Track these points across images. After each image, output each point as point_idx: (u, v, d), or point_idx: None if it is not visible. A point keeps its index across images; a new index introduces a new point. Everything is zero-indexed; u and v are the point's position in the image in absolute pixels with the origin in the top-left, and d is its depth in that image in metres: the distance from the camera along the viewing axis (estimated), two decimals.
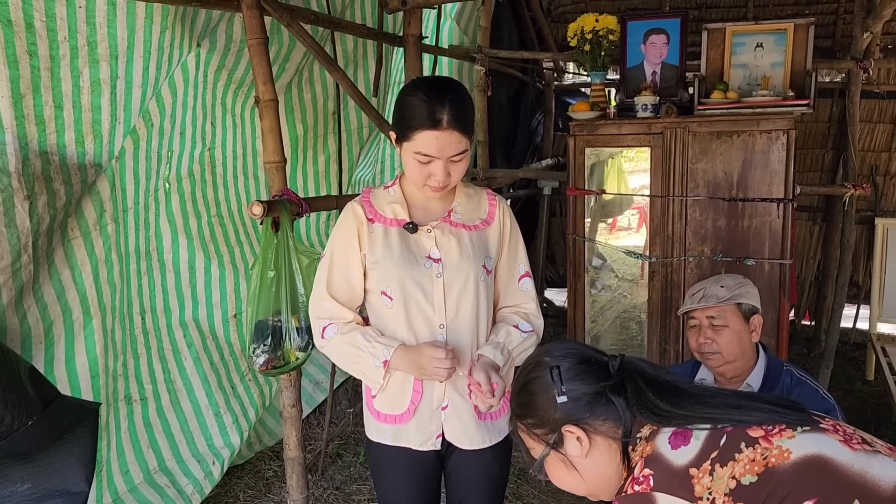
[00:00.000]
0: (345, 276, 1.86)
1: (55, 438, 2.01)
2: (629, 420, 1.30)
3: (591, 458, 1.32)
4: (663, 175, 3.26)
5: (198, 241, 3.06)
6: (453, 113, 1.70)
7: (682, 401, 1.27)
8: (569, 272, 3.67)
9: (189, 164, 2.94)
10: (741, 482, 1.12)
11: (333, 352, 1.88)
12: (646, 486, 1.17)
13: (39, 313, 2.32)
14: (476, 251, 1.86)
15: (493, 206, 1.94)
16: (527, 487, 3.36)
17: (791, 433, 1.17)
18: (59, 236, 2.36)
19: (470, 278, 1.84)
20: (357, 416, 3.97)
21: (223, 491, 3.29)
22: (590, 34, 3.45)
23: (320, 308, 1.88)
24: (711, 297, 2.21)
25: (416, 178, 1.78)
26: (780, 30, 3.31)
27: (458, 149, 1.73)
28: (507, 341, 1.87)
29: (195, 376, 3.13)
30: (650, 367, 1.36)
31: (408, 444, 1.89)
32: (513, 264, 1.96)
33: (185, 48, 2.56)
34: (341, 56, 3.50)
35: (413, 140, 1.72)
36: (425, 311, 1.82)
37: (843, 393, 4.30)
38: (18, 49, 1.93)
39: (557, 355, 1.39)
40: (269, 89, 2.24)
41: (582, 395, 1.32)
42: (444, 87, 1.75)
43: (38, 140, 2.10)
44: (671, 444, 1.20)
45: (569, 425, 1.32)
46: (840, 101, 4.86)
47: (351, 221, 1.85)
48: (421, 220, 1.86)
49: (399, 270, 1.81)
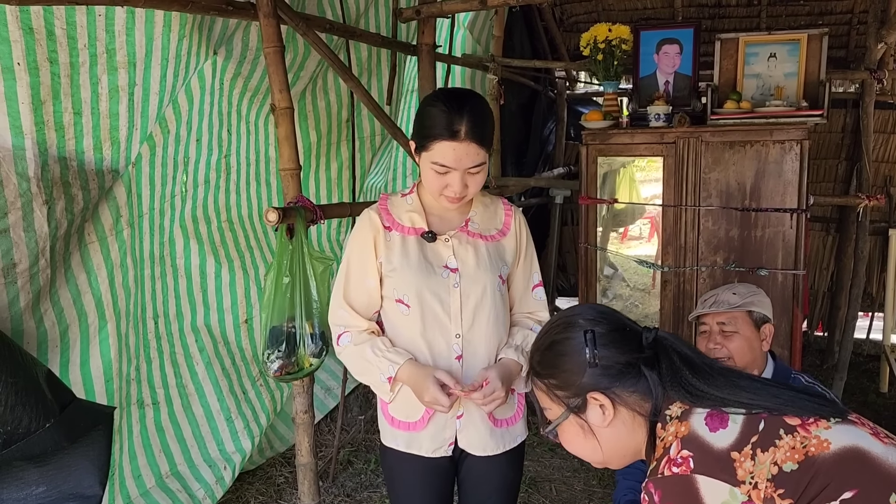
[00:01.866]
0: (361, 283, 1.87)
1: (71, 441, 2.03)
2: (660, 395, 1.26)
3: (613, 427, 1.29)
4: (676, 184, 3.26)
5: (209, 245, 3.08)
6: (471, 124, 1.70)
7: (717, 381, 1.24)
8: (580, 281, 3.67)
9: (206, 171, 2.96)
10: (783, 468, 1.11)
11: (347, 361, 1.90)
12: (685, 468, 1.15)
13: (56, 317, 2.34)
14: (492, 261, 1.88)
15: (510, 216, 1.96)
16: (538, 497, 3.35)
17: (826, 424, 1.16)
18: (76, 241, 2.38)
19: (487, 289, 1.85)
20: (368, 423, 3.98)
21: (234, 497, 3.30)
22: (603, 43, 3.46)
23: (336, 315, 1.90)
24: (723, 303, 2.22)
25: (433, 188, 1.78)
26: (794, 40, 3.32)
27: (475, 160, 1.74)
28: (524, 343, 1.88)
29: (207, 381, 3.14)
30: (686, 345, 1.33)
31: (419, 451, 1.89)
32: (527, 274, 1.98)
33: (201, 56, 2.59)
34: (356, 64, 3.52)
35: (431, 150, 1.73)
36: (441, 321, 1.83)
37: (856, 405, 4.26)
38: (39, 56, 1.96)
39: (590, 318, 1.34)
40: (286, 97, 2.26)
41: (614, 363, 1.28)
42: (464, 98, 1.75)
43: (58, 146, 2.12)
44: (708, 426, 1.17)
45: (595, 392, 1.28)
46: (854, 111, 4.84)
47: (367, 229, 1.86)
48: (438, 229, 1.87)
49: (416, 279, 1.81)
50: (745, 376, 1.30)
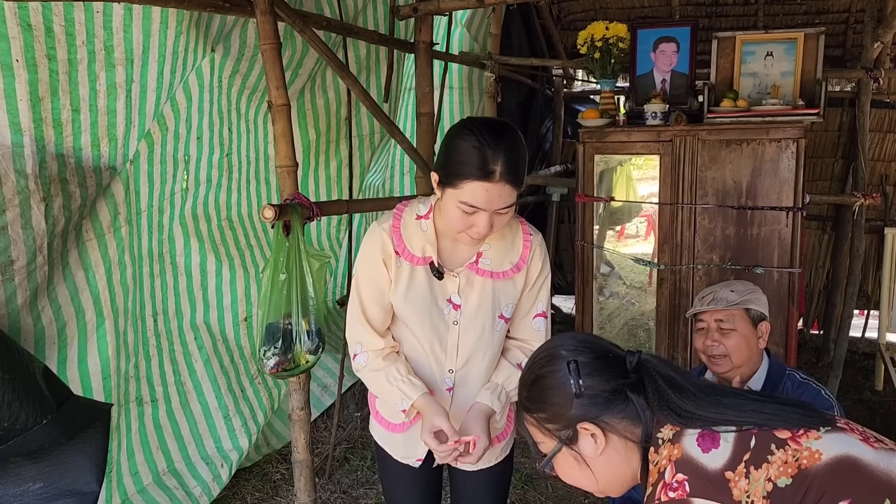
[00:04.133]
0: (376, 300, 1.80)
1: (68, 438, 2.03)
2: (649, 419, 1.25)
3: (606, 456, 1.29)
4: (672, 183, 3.27)
5: (209, 244, 3.08)
6: (507, 164, 1.56)
7: (703, 401, 1.24)
8: (577, 279, 3.68)
9: (208, 170, 2.96)
10: (777, 484, 1.11)
11: (365, 381, 1.87)
12: (682, 493, 1.14)
13: (53, 314, 2.34)
14: (495, 302, 1.80)
15: (527, 248, 1.82)
16: (534, 494, 3.36)
17: (816, 434, 1.16)
18: (74, 238, 2.38)
19: (485, 331, 1.80)
20: (364, 419, 3.98)
21: (231, 493, 3.30)
22: (600, 42, 3.47)
23: (353, 329, 1.84)
24: (721, 301, 2.22)
25: (456, 226, 1.66)
26: (791, 39, 3.33)
27: (507, 202, 1.60)
28: (506, 383, 1.83)
29: (205, 379, 3.14)
30: (669, 366, 1.33)
31: (392, 452, 1.91)
32: (531, 302, 1.87)
33: (199, 53, 2.59)
34: (354, 62, 3.52)
35: (460, 189, 1.58)
36: (437, 354, 1.81)
37: (851, 403, 4.28)
38: (38, 53, 1.96)
39: (572, 348, 1.33)
40: (282, 94, 2.26)
41: (600, 392, 1.27)
42: (500, 133, 1.59)
43: (55, 143, 2.12)
44: (700, 447, 1.17)
45: (585, 422, 1.27)
46: (850, 110, 4.85)
47: (378, 250, 1.78)
48: (448, 260, 1.79)
49: (420, 312, 1.77)
50: (729, 392, 1.30)
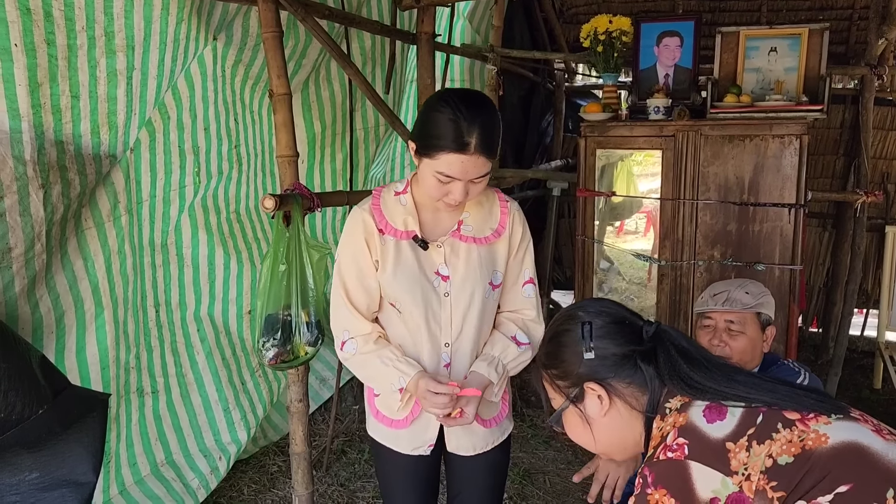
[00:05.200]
0: (359, 283, 1.81)
1: (65, 428, 2.02)
2: (657, 389, 1.28)
3: (609, 418, 1.32)
4: (674, 178, 3.25)
5: (217, 237, 3.06)
6: (482, 136, 1.61)
7: (716, 375, 1.26)
8: (577, 274, 3.67)
9: (218, 162, 2.94)
10: (777, 461, 1.12)
11: (353, 368, 1.86)
12: (680, 454, 1.16)
13: (51, 303, 2.32)
14: (483, 268, 1.82)
15: (505, 214, 1.87)
16: (532, 489, 3.35)
17: (826, 419, 1.16)
18: (73, 226, 2.36)
19: (476, 297, 1.80)
20: (362, 413, 3.96)
21: (228, 485, 3.29)
22: (603, 35, 3.45)
23: (338, 315, 1.84)
24: (736, 302, 2.16)
25: (433, 194, 1.71)
26: (795, 34, 3.31)
27: (481, 171, 1.66)
28: (502, 355, 1.84)
29: (207, 371, 3.13)
30: (685, 339, 1.35)
31: (397, 447, 1.90)
32: (517, 270, 1.90)
33: (200, 41, 2.57)
34: (359, 53, 3.50)
35: (436, 159, 1.64)
36: (432, 330, 1.81)
37: (850, 401, 4.20)
38: (36, 38, 1.94)
39: (592, 311, 1.37)
40: (284, 83, 2.24)
41: (610, 354, 1.31)
42: (475, 107, 1.64)
43: (54, 129, 2.10)
44: (706, 418, 1.19)
45: (591, 382, 1.31)
46: (853, 107, 4.84)
47: (359, 231, 1.79)
48: (431, 231, 1.82)
49: (411, 287, 1.77)
50: (742, 372, 1.32)
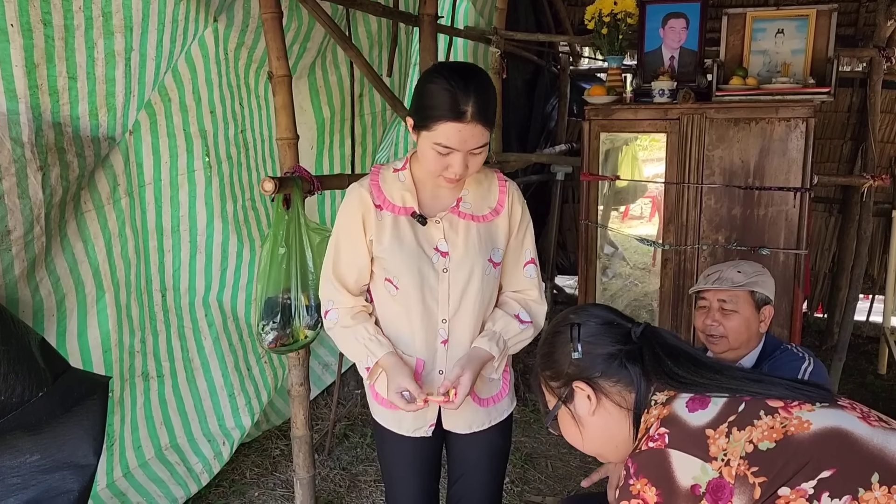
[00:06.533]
0: (351, 259, 1.83)
1: (65, 411, 2.02)
2: (643, 388, 1.32)
3: (598, 417, 1.36)
4: (679, 162, 3.23)
5: (233, 225, 3.04)
6: (478, 105, 1.62)
7: (702, 370, 1.29)
8: (580, 259, 3.65)
9: (226, 147, 2.93)
10: (758, 447, 1.13)
11: (334, 338, 1.90)
12: (660, 444, 1.19)
13: (52, 286, 2.32)
14: (483, 244, 1.82)
15: (504, 193, 1.88)
16: (534, 473, 3.35)
17: (810, 407, 1.18)
18: (72, 209, 2.35)
19: (475, 273, 1.80)
20: (364, 397, 3.97)
21: (230, 468, 3.30)
22: (608, 17, 3.41)
23: (325, 288, 1.88)
24: (726, 281, 2.18)
25: (432, 168, 1.72)
26: (802, 16, 3.26)
27: (479, 141, 1.67)
28: (503, 331, 1.84)
29: (213, 356, 3.13)
30: (672, 337, 1.39)
31: (400, 430, 1.90)
32: (518, 251, 1.91)
33: (200, 22, 2.54)
34: (365, 37, 3.46)
35: (434, 131, 1.65)
36: (429, 306, 1.80)
37: (855, 386, 4.27)
38: (33, 17, 1.92)
39: (583, 314, 1.43)
40: (283, 65, 2.23)
41: (597, 354, 1.36)
42: (470, 76, 1.66)
43: (52, 111, 2.09)
44: (689, 408, 1.22)
45: (579, 381, 1.36)
46: (860, 90, 4.78)
47: (356, 206, 1.80)
48: (429, 208, 1.82)
49: (408, 262, 1.77)
50: (731, 367, 1.36)
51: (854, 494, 1.06)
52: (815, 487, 1.08)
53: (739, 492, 1.11)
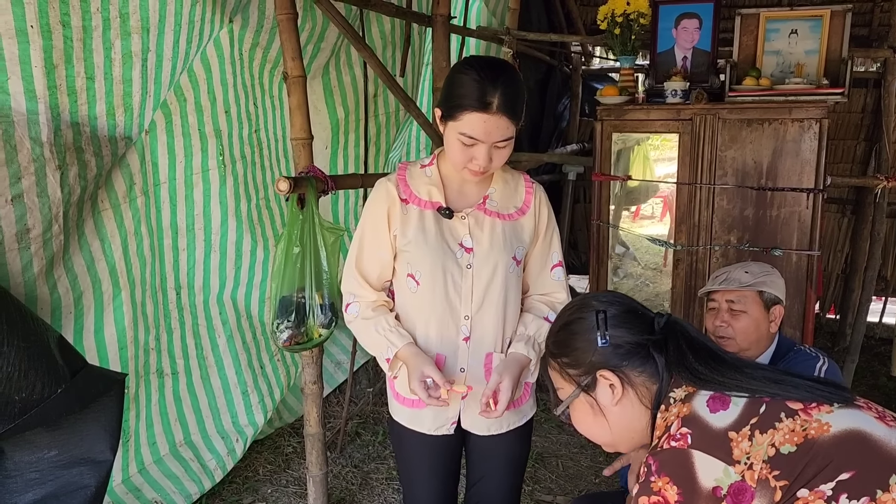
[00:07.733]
0: (374, 254, 1.84)
1: (82, 407, 2.04)
2: (666, 380, 1.29)
3: (621, 407, 1.32)
4: (691, 162, 3.22)
5: (247, 224, 3.07)
6: (505, 97, 1.64)
7: (722, 367, 1.27)
8: (592, 259, 3.65)
9: (241, 146, 2.95)
10: (780, 451, 1.12)
11: (355, 332, 1.90)
12: (683, 444, 1.17)
13: (69, 283, 2.34)
14: (507, 242, 1.83)
15: (530, 193, 1.90)
16: (544, 472, 3.36)
17: (829, 408, 1.17)
18: (90, 208, 2.38)
19: (499, 270, 1.81)
20: (377, 395, 4.00)
21: (243, 465, 3.33)
22: (620, 17, 3.41)
23: (347, 282, 1.88)
24: (733, 281, 2.17)
25: (456, 159, 1.72)
26: (816, 16, 3.25)
27: (504, 135, 1.67)
28: (536, 334, 1.84)
29: (227, 354, 3.15)
30: (695, 331, 1.35)
31: (421, 428, 1.89)
32: (545, 253, 1.92)
33: (216, 23, 2.56)
34: (378, 37, 3.47)
35: (460, 120, 1.66)
36: (452, 301, 1.81)
37: (867, 388, 4.25)
38: (52, 19, 1.94)
39: (604, 301, 1.38)
40: (298, 65, 2.24)
41: (623, 343, 1.32)
42: (498, 68, 1.68)
43: (70, 111, 2.11)
44: (709, 407, 1.20)
45: (605, 370, 1.32)
46: (875, 91, 4.76)
47: (382, 200, 1.82)
48: (456, 203, 1.83)
49: (432, 257, 1.78)
50: (751, 365, 1.33)
51: (872, 496, 1.06)
52: (833, 489, 1.08)
53: (760, 495, 1.11)
